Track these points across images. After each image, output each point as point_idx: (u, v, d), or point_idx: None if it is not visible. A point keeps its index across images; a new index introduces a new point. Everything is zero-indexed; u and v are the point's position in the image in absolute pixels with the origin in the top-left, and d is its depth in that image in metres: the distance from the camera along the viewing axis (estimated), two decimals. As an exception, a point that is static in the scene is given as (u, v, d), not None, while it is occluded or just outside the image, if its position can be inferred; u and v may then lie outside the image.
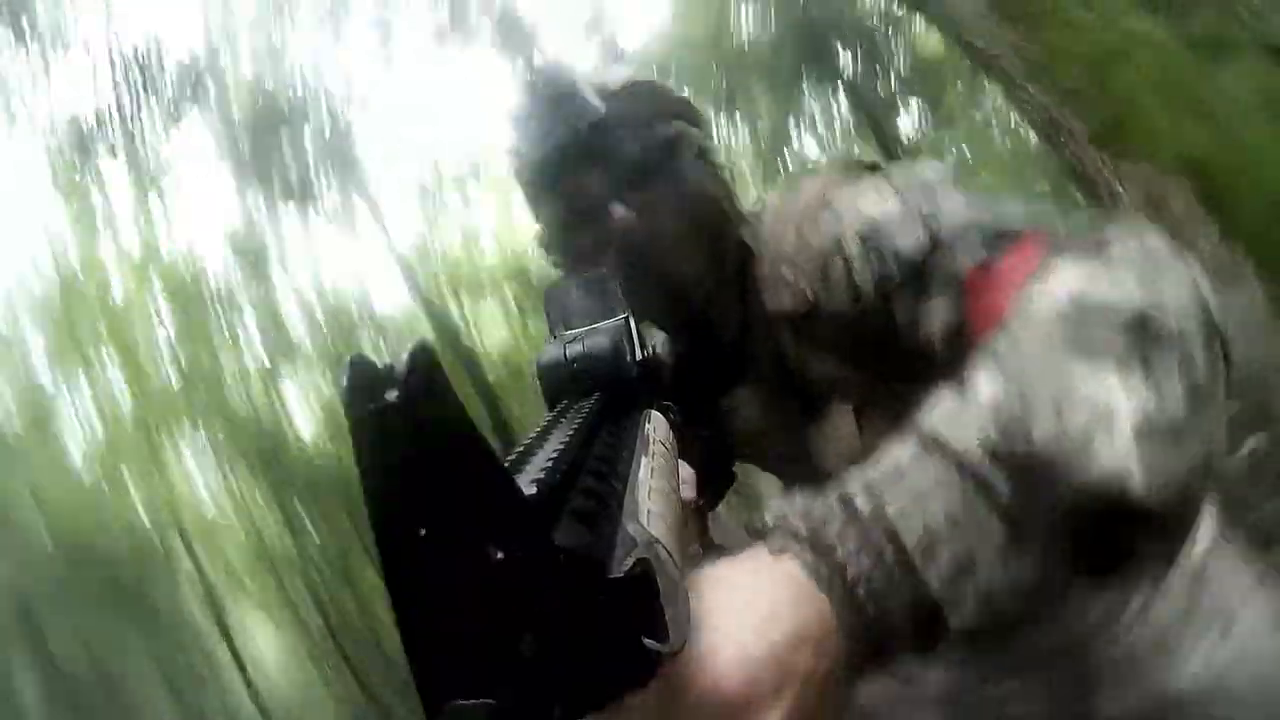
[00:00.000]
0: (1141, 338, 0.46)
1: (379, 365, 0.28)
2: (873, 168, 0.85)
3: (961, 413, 0.44)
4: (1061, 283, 0.51)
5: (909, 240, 0.69)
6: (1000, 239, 0.65)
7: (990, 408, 0.43)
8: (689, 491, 0.57)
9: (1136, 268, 0.51)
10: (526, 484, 0.34)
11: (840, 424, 0.83)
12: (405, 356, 0.28)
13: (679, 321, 0.90)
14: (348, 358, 0.29)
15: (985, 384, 0.45)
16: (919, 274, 0.69)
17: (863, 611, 0.38)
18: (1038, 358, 0.46)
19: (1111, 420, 0.42)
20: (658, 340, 0.98)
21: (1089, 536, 0.42)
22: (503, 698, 0.28)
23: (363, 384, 0.28)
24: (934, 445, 0.43)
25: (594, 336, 0.54)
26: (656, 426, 0.52)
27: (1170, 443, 0.43)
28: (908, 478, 0.41)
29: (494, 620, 0.28)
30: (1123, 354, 0.45)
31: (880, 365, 0.78)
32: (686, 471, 0.57)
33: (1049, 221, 0.66)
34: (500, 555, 0.29)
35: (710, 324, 0.88)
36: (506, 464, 0.38)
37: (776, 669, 0.35)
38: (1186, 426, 0.44)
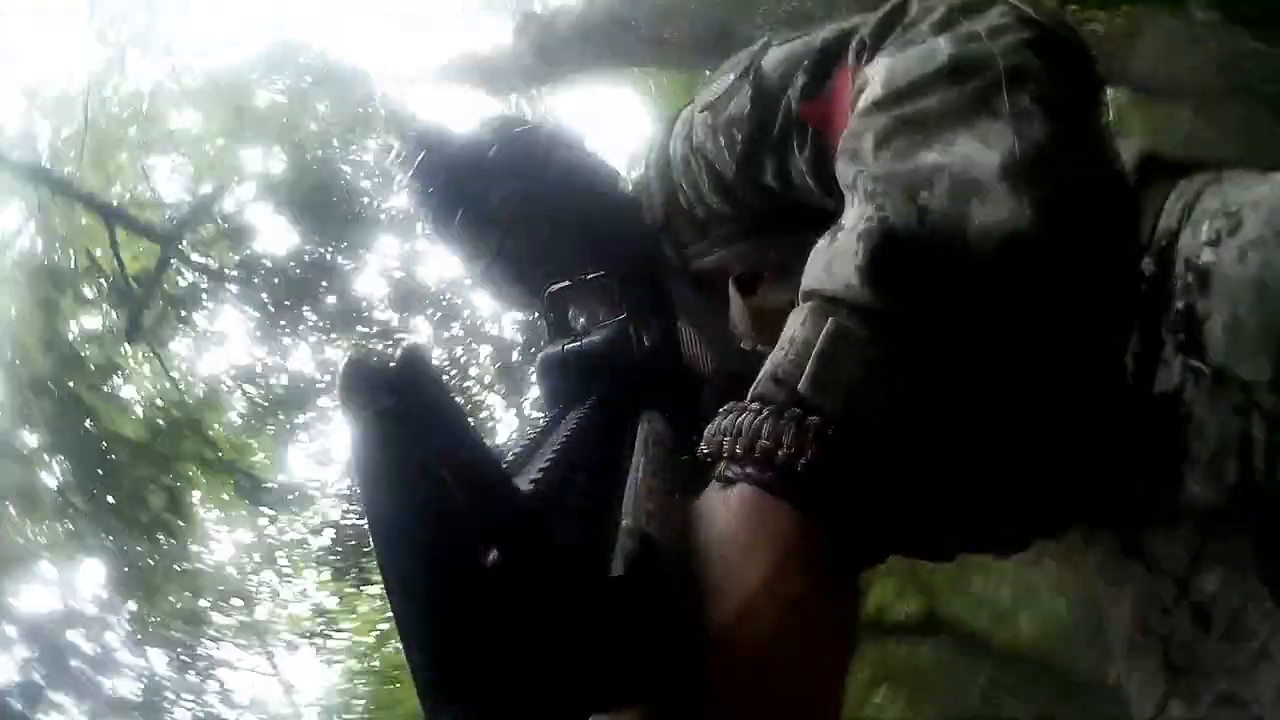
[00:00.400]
0: (966, 82, 0.42)
1: (374, 368, 0.28)
2: None
3: (832, 256, 0.40)
4: (875, 80, 0.47)
5: (740, 104, 0.65)
6: (821, 58, 0.59)
7: (856, 235, 0.39)
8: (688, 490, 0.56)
9: (937, 19, 0.48)
10: (525, 484, 0.34)
11: (734, 300, 0.79)
12: (399, 359, 0.28)
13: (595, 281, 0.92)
14: (344, 357, 0.29)
15: (846, 216, 0.42)
16: (763, 131, 0.64)
17: (826, 499, 0.35)
18: (879, 165, 0.42)
19: (976, 180, 0.39)
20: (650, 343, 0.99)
21: (1032, 307, 0.38)
22: (501, 701, 0.28)
23: (358, 387, 0.28)
24: (819, 301, 0.39)
25: (593, 337, 0.54)
26: (654, 426, 0.52)
27: (1047, 167, 0.39)
28: (810, 348, 0.38)
29: (492, 621, 0.28)
30: (956, 109, 0.42)
31: (785, 229, 0.71)
32: (686, 471, 0.57)
33: (859, 22, 0.58)
34: (497, 556, 0.29)
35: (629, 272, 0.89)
36: (505, 464, 0.38)
37: (771, 615, 0.33)
38: (1057, 143, 0.40)
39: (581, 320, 0.57)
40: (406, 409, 0.27)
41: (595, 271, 0.61)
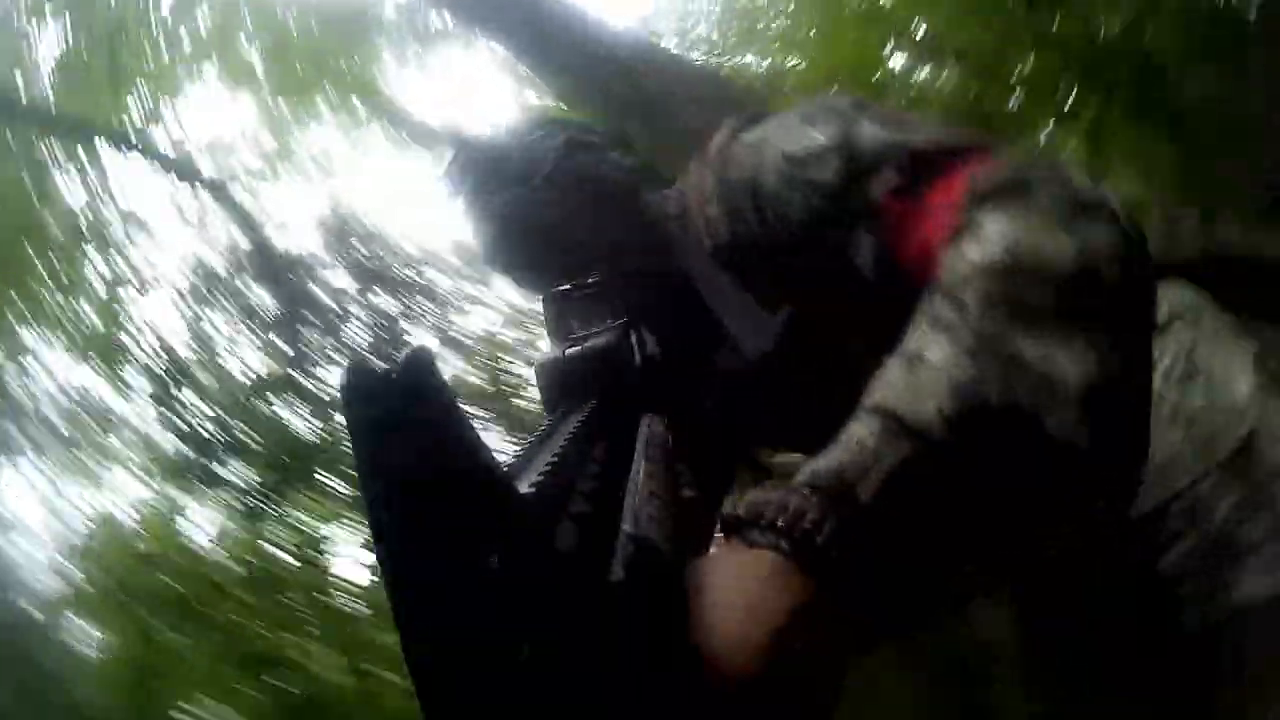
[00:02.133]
0: (1078, 296, 0.47)
1: (377, 370, 0.28)
2: None
3: (916, 386, 0.45)
4: (996, 239, 0.51)
5: (825, 172, 0.67)
6: (918, 164, 0.63)
7: (943, 378, 0.44)
8: (688, 491, 0.56)
9: (1064, 212, 0.51)
10: (525, 488, 0.34)
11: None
12: (403, 361, 0.28)
13: (614, 290, 0.92)
14: (347, 362, 0.29)
15: (934, 353, 0.46)
16: (839, 205, 0.67)
17: (845, 594, 0.39)
18: (982, 326, 0.46)
19: (1056, 390, 0.44)
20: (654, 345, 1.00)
21: (1045, 490, 0.45)
22: (502, 702, 0.28)
23: (362, 388, 0.28)
24: (895, 423, 0.43)
25: (593, 341, 0.54)
26: (654, 430, 0.52)
27: (1111, 399, 0.45)
28: (880, 462, 0.42)
29: (493, 626, 0.28)
30: (1062, 317, 0.46)
31: (819, 293, 0.76)
32: (685, 473, 0.57)
33: (966, 138, 0.64)
34: (498, 561, 0.29)
35: (646, 284, 0.86)
36: (505, 468, 0.38)
37: (771, 651, 0.36)
38: (1124, 376, 0.46)
39: (580, 324, 0.57)
40: (409, 413, 0.27)
41: (595, 276, 0.61)
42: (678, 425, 0.54)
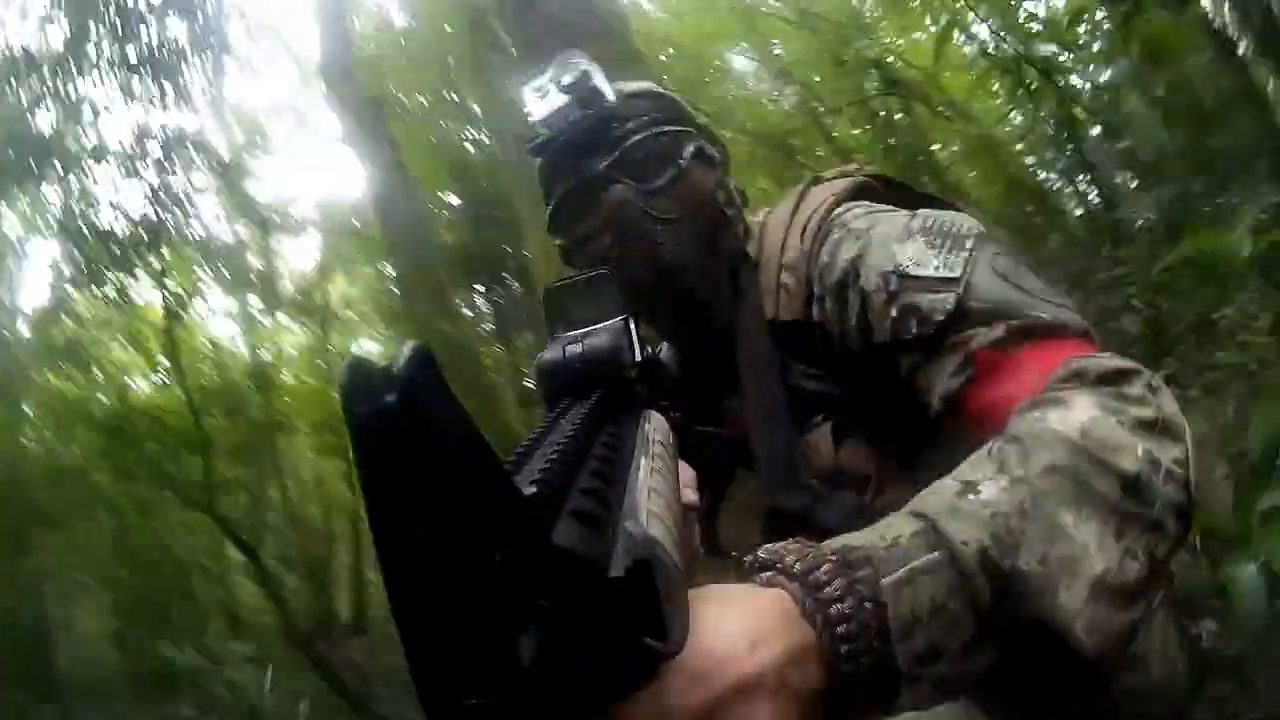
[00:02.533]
0: (1130, 500, 0.50)
1: (378, 366, 0.28)
2: (886, 183, 0.87)
3: (961, 510, 0.48)
4: (1080, 415, 0.54)
5: (933, 305, 0.68)
6: (1024, 331, 0.65)
7: (991, 514, 0.47)
8: (690, 493, 0.57)
9: (1146, 420, 0.54)
10: (526, 484, 0.34)
11: (819, 440, 0.83)
12: (403, 357, 0.28)
13: (670, 311, 0.90)
14: (347, 359, 0.29)
15: (988, 488, 0.49)
16: (932, 338, 0.69)
17: (838, 653, 0.41)
18: (1040, 485, 0.49)
19: (1077, 571, 0.47)
20: (659, 343, 0.98)
21: (1032, 656, 0.48)
22: (502, 699, 0.28)
23: (361, 385, 0.27)
24: (934, 533, 0.46)
25: (594, 337, 0.54)
26: (656, 427, 0.52)
27: (1117, 604, 0.48)
28: (905, 556, 0.45)
29: (494, 621, 0.28)
30: (1109, 509, 0.49)
31: (871, 397, 0.79)
32: (687, 473, 0.57)
33: (1075, 320, 0.67)
34: (500, 556, 0.29)
35: (703, 318, 0.89)
36: (506, 464, 0.38)
37: (763, 676, 0.38)
38: (1138, 589, 0.49)
39: (581, 319, 0.57)
40: (409, 408, 0.27)
41: (600, 269, 0.61)
42: (680, 423, 0.54)
